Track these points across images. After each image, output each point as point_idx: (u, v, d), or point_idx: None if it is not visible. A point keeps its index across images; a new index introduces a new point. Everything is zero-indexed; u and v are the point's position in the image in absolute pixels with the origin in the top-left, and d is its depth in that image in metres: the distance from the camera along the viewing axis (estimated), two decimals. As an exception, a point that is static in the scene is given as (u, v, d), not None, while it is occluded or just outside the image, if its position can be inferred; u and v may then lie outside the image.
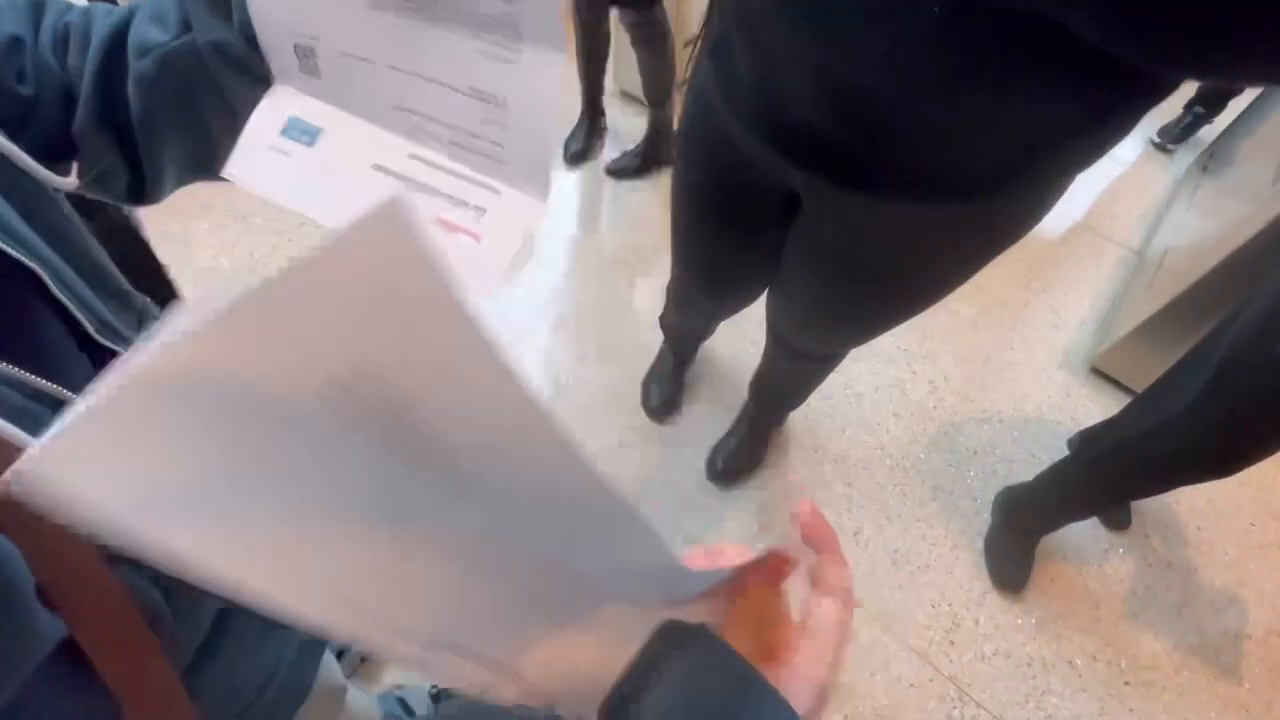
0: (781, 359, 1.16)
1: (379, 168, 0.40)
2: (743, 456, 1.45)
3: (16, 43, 0.37)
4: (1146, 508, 1.47)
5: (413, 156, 0.40)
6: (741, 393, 1.45)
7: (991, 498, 1.44)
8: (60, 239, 0.35)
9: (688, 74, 0.76)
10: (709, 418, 1.53)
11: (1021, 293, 1.87)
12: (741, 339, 1.64)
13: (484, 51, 0.39)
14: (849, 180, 0.61)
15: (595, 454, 0.20)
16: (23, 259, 0.30)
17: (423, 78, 0.40)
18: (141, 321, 0.43)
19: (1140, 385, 1.56)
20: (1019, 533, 1.36)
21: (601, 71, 1.95)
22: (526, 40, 0.38)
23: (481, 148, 0.40)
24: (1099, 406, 1.61)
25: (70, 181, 0.37)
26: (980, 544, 1.39)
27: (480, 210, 0.39)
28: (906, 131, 0.53)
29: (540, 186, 0.39)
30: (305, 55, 0.41)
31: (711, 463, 1.45)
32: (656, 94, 1.91)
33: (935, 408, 1.59)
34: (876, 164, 0.58)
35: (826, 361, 1.15)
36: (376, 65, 0.40)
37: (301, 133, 0.40)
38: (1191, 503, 1.49)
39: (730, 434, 1.47)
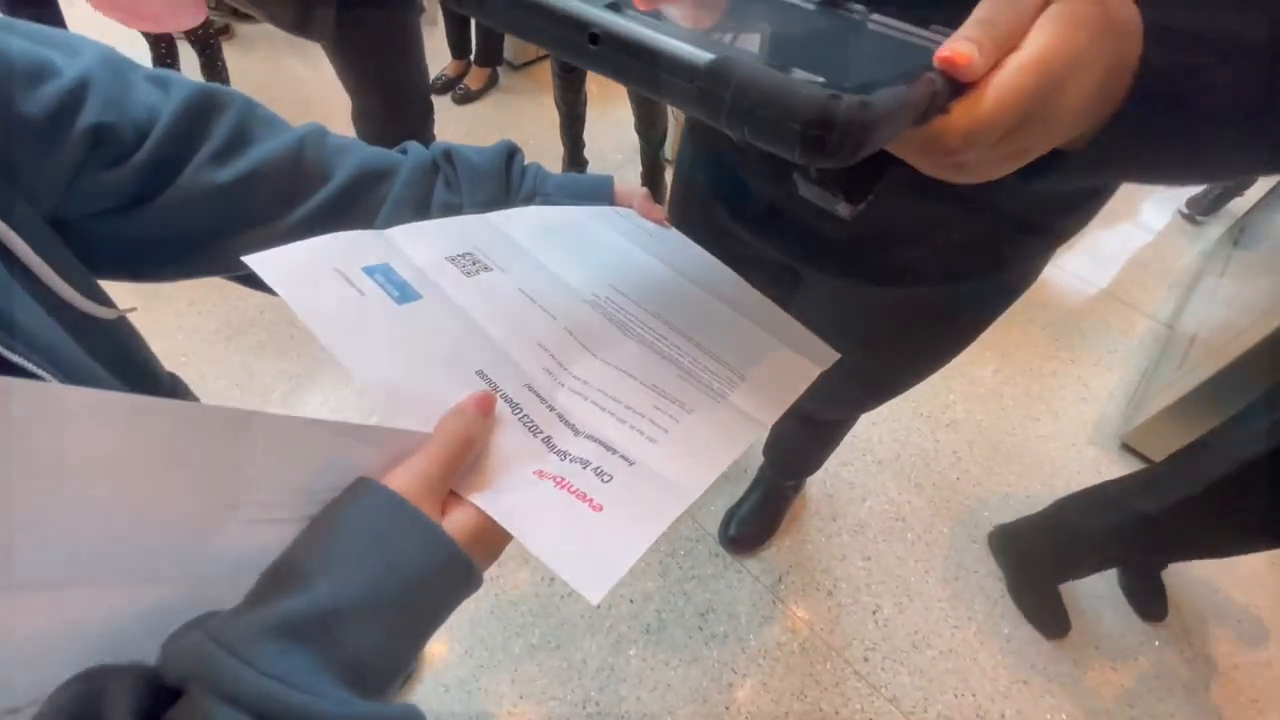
0: (791, 423, 1.13)
1: (483, 375, 0.34)
2: (757, 523, 1.39)
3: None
4: (1184, 598, 1.39)
5: (529, 388, 0.35)
6: (757, 456, 1.40)
7: (1018, 579, 1.37)
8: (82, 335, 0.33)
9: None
10: (723, 481, 1.48)
11: (1048, 362, 1.82)
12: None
13: (692, 373, 0.40)
14: (839, 271, 0.62)
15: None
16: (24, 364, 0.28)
17: (602, 360, 0.39)
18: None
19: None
20: (1035, 581, 1.34)
21: (580, 127, 2.07)
22: (741, 392, 0.40)
23: (634, 421, 0.35)
24: (1131, 485, 1.55)
25: (110, 311, 0.36)
26: (1007, 629, 1.32)
27: (604, 476, 0.32)
28: (891, 228, 0.54)
29: (693, 484, 0.33)
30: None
31: (724, 528, 1.40)
32: (653, 138, 2.02)
33: (959, 479, 1.53)
34: (864, 258, 0.59)
35: (837, 427, 1.12)
36: (573, 339, 0.39)
37: (391, 283, 0.35)
38: (1230, 595, 1.41)
39: (744, 499, 1.42)
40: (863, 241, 0.57)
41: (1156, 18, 0.24)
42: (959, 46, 0.22)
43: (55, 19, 1.31)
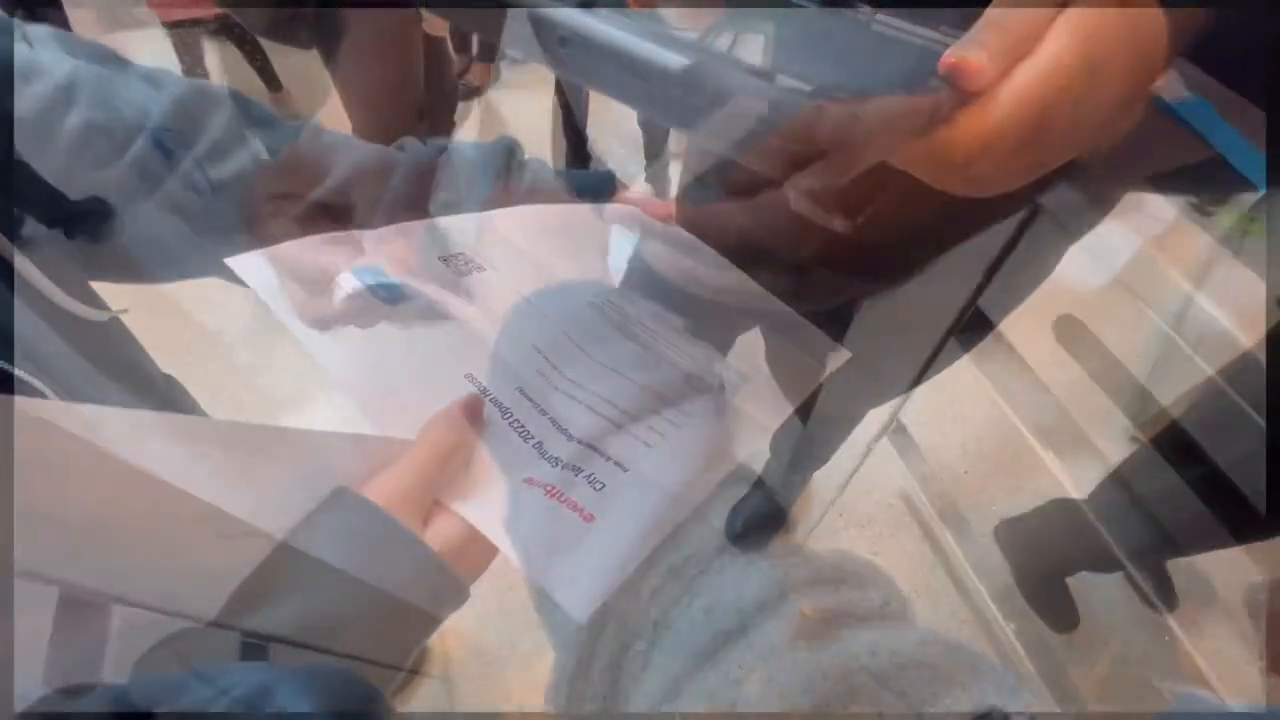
0: (796, 419, 1.13)
1: (472, 379, 0.33)
2: (764, 517, 1.39)
3: None
4: (1192, 591, 1.38)
5: (520, 391, 0.33)
6: (762, 450, 1.40)
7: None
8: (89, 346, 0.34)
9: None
10: (728, 476, 1.48)
11: (1055, 354, 1.81)
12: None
13: (693, 375, 0.39)
14: (849, 268, 0.60)
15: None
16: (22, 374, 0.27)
17: (599, 362, 0.37)
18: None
19: (1185, 458, 1.50)
20: (1043, 575, 1.33)
21: (583, 122, 2.05)
22: (744, 394, 0.39)
23: (630, 426, 0.34)
24: (1140, 478, 1.54)
25: (101, 313, 0.36)
26: (1015, 623, 1.31)
27: (597, 484, 0.31)
28: (900, 228, 0.54)
29: (691, 493, 0.32)
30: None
31: (730, 523, 1.39)
32: (657, 133, 2.01)
33: (967, 473, 1.53)
34: (873, 256, 0.57)
35: (843, 422, 1.13)
36: (566, 342, 0.37)
37: (379, 284, 0.34)
38: (1240, 588, 1.40)
39: (750, 493, 1.41)
40: (873, 239, 0.56)
41: (1185, 24, 0.23)
42: (966, 52, 0.20)
43: (58, 19, 1.31)
